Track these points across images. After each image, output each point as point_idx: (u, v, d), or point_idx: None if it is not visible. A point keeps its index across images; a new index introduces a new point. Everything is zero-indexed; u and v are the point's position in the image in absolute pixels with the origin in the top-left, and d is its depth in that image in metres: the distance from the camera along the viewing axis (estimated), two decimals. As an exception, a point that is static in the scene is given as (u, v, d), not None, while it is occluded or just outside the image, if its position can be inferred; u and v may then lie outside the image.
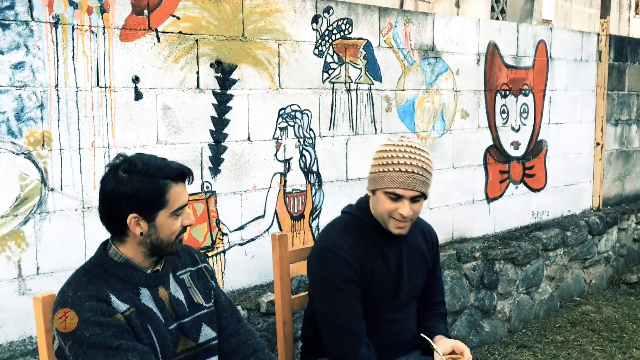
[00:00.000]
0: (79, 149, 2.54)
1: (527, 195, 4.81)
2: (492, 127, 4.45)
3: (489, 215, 4.51)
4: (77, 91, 2.52)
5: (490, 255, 4.25)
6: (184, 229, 1.83)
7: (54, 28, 2.44)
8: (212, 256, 2.99)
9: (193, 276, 1.96)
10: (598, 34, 5.31)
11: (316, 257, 2.12)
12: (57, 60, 2.46)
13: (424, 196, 2.03)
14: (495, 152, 4.52)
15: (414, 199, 2.00)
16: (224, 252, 3.04)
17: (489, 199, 4.50)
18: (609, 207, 5.64)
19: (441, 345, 2.07)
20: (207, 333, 1.91)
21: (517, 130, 4.66)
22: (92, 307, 1.66)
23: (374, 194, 2.07)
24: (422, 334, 2.13)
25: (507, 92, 4.55)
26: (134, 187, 1.71)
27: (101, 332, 1.64)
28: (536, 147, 4.85)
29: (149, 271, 1.82)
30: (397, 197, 1.99)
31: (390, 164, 1.99)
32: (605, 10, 5.23)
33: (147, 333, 1.74)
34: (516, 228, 4.76)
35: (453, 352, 2.06)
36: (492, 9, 9.52)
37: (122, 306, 1.71)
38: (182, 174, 1.80)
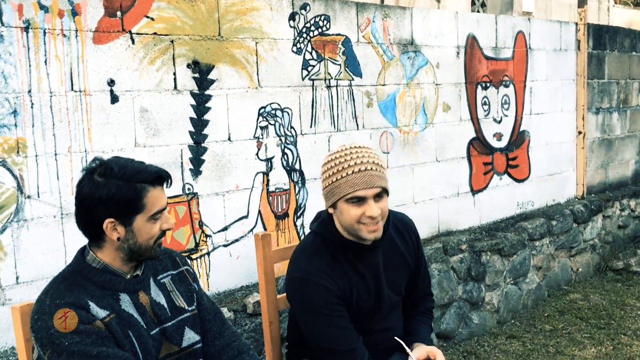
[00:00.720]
0: (55, 154, 2.50)
1: (511, 186, 4.82)
2: (474, 119, 4.46)
3: (474, 207, 4.52)
4: (51, 96, 2.48)
5: (477, 247, 4.26)
6: (162, 233, 1.80)
7: (24, 33, 2.39)
8: (196, 258, 2.96)
9: (174, 279, 1.93)
10: (576, 23, 5.33)
11: (292, 287, 2.04)
12: (30, 66, 2.42)
13: (386, 192, 1.93)
14: (478, 144, 4.52)
15: (377, 197, 1.90)
16: (208, 254, 3.01)
17: (474, 191, 4.51)
18: (593, 195, 5.67)
19: (416, 351, 2.05)
20: (190, 337, 1.88)
21: (499, 122, 4.67)
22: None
23: (335, 209, 1.95)
24: (396, 337, 2.11)
25: (488, 84, 4.55)
26: (110, 192, 1.67)
27: (80, 339, 1.61)
28: (519, 138, 4.87)
29: (128, 276, 1.79)
30: (359, 200, 1.89)
31: (341, 170, 1.90)
32: None
33: (129, 339, 1.71)
34: (502, 219, 4.77)
35: (427, 358, 2.05)
36: (473, 3, 9.55)
37: (101, 313, 1.68)
38: (159, 177, 1.77)
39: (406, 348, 2.06)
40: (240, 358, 1.95)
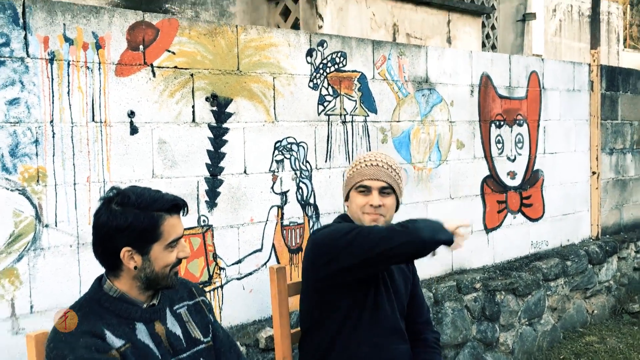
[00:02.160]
0: (74, 184, 2.52)
1: (525, 225, 4.78)
2: (488, 157, 4.46)
3: (488, 245, 4.48)
4: (72, 126, 2.51)
5: (491, 286, 4.20)
6: (179, 261, 1.80)
7: (49, 64, 2.45)
8: (209, 291, 2.94)
9: (190, 310, 1.92)
10: (589, 65, 5.38)
11: (315, 232, 2.22)
12: (53, 96, 2.46)
13: (394, 192, 2.16)
14: (492, 182, 4.51)
15: (382, 192, 2.13)
16: (221, 286, 2.99)
17: (488, 230, 4.48)
18: (607, 235, 5.61)
19: None
20: (205, 369, 1.86)
21: (513, 160, 4.67)
22: (87, 343, 1.62)
23: (347, 200, 2.22)
24: None
25: (502, 123, 4.57)
26: (127, 220, 1.68)
27: (95, 369, 1.60)
28: (533, 177, 4.85)
29: (144, 305, 1.79)
30: (366, 190, 2.14)
31: (357, 164, 2.20)
32: (595, 41, 5.31)
33: (144, 369, 1.69)
34: (516, 258, 4.72)
35: None
36: (483, 45, 9.66)
37: (117, 342, 1.67)
38: (176, 205, 1.78)
39: None
40: (255, 392, 1.93)
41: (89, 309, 1.71)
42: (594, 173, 5.40)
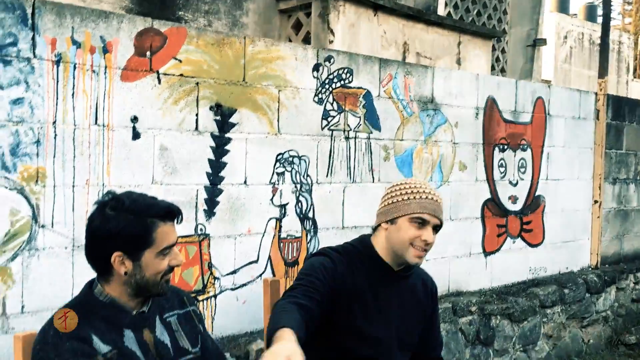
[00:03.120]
0: (73, 186, 2.52)
1: (524, 250, 4.76)
2: (490, 181, 4.45)
3: (485, 269, 4.46)
4: (74, 128, 2.52)
5: (487, 310, 4.18)
6: (170, 269, 1.79)
7: (55, 66, 2.46)
8: (202, 300, 2.93)
9: (180, 319, 1.91)
10: (596, 93, 5.38)
11: (311, 254, 2.17)
12: (57, 98, 2.47)
13: (438, 231, 2.07)
14: (493, 206, 4.50)
15: (434, 229, 2.04)
16: (214, 296, 2.98)
17: (486, 253, 4.46)
18: (607, 265, 5.58)
19: None
20: (191, 379, 1.84)
21: (515, 185, 4.66)
22: (73, 347, 1.61)
23: (392, 224, 2.05)
24: None
25: (506, 147, 4.57)
26: (119, 225, 1.68)
27: (80, 374, 1.58)
28: (534, 202, 4.84)
29: (134, 312, 1.77)
30: (422, 224, 2.01)
31: (415, 192, 2.03)
32: (603, 71, 5.32)
33: (129, 377, 1.68)
34: (513, 283, 4.69)
35: None
36: (493, 67, 9.69)
37: (104, 348, 1.66)
38: (170, 212, 1.77)
39: None
40: (241, 405, 1.91)
41: (78, 312, 1.70)
42: (596, 202, 5.38)
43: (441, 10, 6.84)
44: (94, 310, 1.71)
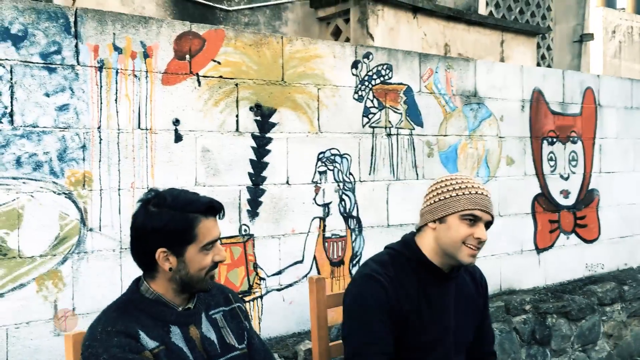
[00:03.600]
0: (119, 189, 2.56)
1: (579, 246, 4.59)
2: (540, 175, 4.31)
3: (539, 266, 4.31)
4: (118, 133, 2.56)
5: (542, 308, 4.03)
6: (215, 265, 1.78)
7: (98, 72, 2.51)
8: (249, 301, 2.93)
9: (226, 316, 1.89)
10: (648, 81, 5.16)
11: (352, 284, 2.01)
12: (101, 103, 2.52)
13: (489, 226, 1.94)
14: (544, 201, 4.36)
15: (486, 225, 1.91)
16: (261, 297, 2.97)
17: (539, 250, 4.31)
18: (669, 260, 5.32)
19: None
20: (239, 376, 1.83)
21: (567, 179, 4.50)
22: (120, 342, 1.62)
23: (441, 223, 1.93)
24: None
25: (554, 139, 4.42)
26: (163, 221, 1.68)
27: (128, 369, 1.59)
28: (587, 197, 4.66)
29: (180, 309, 1.77)
30: (474, 220, 1.88)
31: (464, 188, 1.91)
32: (655, 57, 5.09)
33: (177, 373, 1.67)
34: (569, 281, 4.52)
35: None
36: (538, 65, 9.46)
37: (151, 343, 1.66)
38: (212, 207, 1.76)
39: None
40: (288, 401, 1.88)
41: (125, 309, 1.71)
42: (654, 194, 5.15)
43: (482, 10, 6.71)
44: (140, 307, 1.72)
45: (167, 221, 1.69)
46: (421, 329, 1.96)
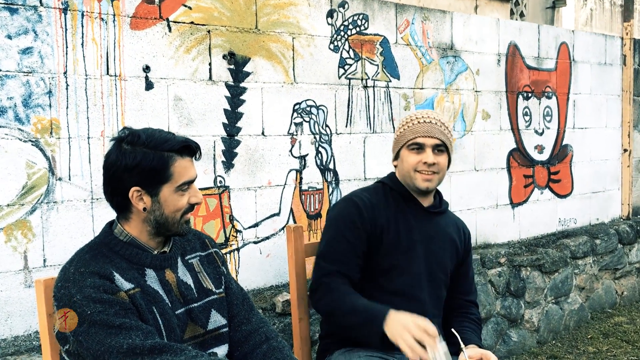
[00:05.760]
0: (88, 138, 2.47)
1: (553, 201, 4.64)
2: (515, 130, 4.32)
3: (513, 220, 4.35)
4: (86, 79, 2.46)
5: (516, 261, 4.08)
6: (190, 207, 1.73)
7: (63, 14, 2.40)
8: (226, 253, 2.89)
9: (203, 261, 1.85)
10: (622, 38, 5.18)
11: (334, 205, 2.18)
12: (66, 47, 2.41)
13: (447, 150, 2.06)
14: (519, 156, 4.38)
15: (436, 150, 2.03)
16: (237, 249, 2.93)
17: (514, 204, 4.35)
18: (638, 215, 5.43)
19: (470, 350, 1.92)
20: (216, 320, 1.79)
21: (541, 134, 4.52)
22: (95, 283, 1.57)
23: (397, 159, 2.11)
24: (453, 329, 1.98)
25: (530, 94, 4.42)
26: (136, 159, 1.62)
27: (103, 309, 1.54)
28: (561, 152, 4.70)
29: (155, 252, 1.72)
30: (419, 148, 2.02)
31: (409, 121, 2.07)
32: (628, 14, 5.12)
33: (152, 315, 1.63)
34: (542, 235, 4.58)
35: None
36: (512, 12, 9.43)
37: (126, 285, 1.61)
38: (188, 147, 1.70)
39: (461, 342, 1.91)
40: (268, 344, 1.85)
41: (98, 251, 1.66)
42: (625, 150, 5.22)
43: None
44: (114, 249, 1.67)
45: (140, 159, 1.62)
46: (391, 250, 2.04)
